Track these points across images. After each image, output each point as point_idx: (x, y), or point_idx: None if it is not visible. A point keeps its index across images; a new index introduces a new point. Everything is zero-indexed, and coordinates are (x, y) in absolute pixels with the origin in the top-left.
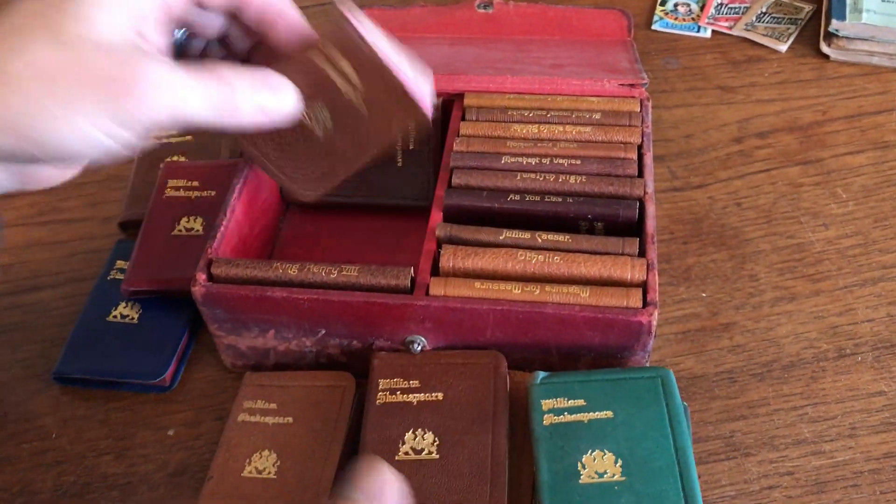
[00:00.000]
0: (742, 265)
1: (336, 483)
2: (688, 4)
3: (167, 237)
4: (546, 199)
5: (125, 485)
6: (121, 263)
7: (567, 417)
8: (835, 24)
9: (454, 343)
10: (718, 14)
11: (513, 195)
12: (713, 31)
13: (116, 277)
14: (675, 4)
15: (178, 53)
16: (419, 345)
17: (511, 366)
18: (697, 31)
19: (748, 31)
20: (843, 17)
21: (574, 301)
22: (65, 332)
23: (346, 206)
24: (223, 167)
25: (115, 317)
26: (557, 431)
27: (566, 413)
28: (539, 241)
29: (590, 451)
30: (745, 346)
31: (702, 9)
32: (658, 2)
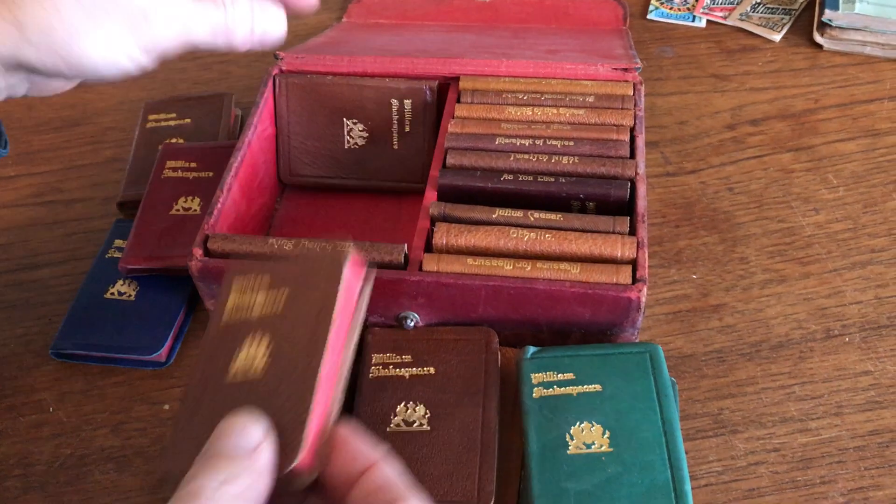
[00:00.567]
0: (733, 248)
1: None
2: None
3: (165, 216)
4: (539, 179)
5: (121, 458)
6: (119, 242)
7: (556, 391)
8: (828, 14)
9: (446, 319)
10: (713, 4)
11: (506, 175)
12: (708, 21)
13: (114, 256)
14: None
15: None
16: (412, 321)
17: (502, 342)
18: (692, 21)
19: (743, 21)
20: (837, 7)
21: (564, 277)
22: (63, 310)
23: (343, 189)
24: (221, 149)
25: (113, 294)
26: (546, 404)
27: (555, 386)
28: (531, 220)
29: (578, 423)
30: (735, 327)
31: None
32: None
